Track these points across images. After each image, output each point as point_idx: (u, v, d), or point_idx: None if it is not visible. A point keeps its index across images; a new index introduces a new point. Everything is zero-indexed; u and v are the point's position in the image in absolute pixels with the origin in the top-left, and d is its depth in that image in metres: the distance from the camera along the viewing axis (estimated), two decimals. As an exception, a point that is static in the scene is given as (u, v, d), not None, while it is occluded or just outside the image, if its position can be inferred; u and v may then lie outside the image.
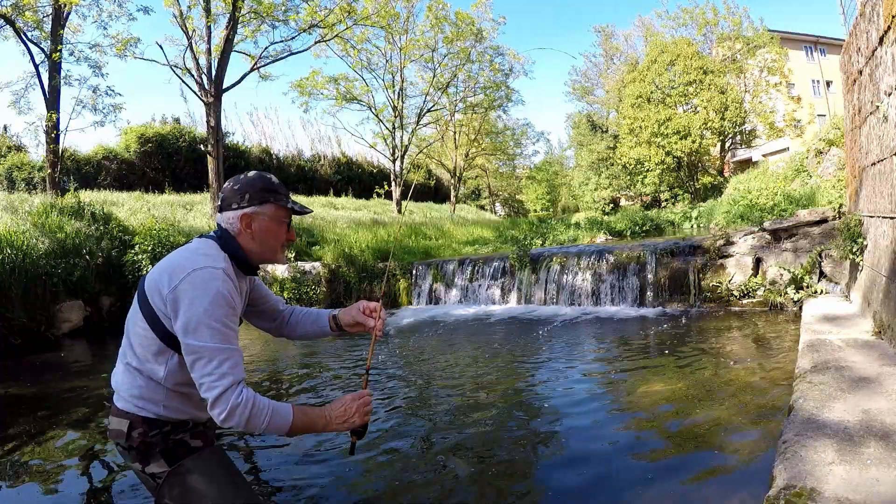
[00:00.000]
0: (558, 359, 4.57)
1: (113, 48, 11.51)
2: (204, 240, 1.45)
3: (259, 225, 1.45)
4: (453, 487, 2.34)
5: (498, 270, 8.06)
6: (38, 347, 6.25)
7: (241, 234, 1.45)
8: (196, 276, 1.29)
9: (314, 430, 1.39)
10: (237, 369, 1.28)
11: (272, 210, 1.47)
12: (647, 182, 25.14)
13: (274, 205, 1.47)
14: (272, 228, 1.47)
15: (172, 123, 20.77)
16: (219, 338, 1.27)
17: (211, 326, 1.26)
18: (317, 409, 1.38)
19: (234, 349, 1.30)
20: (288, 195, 1.51)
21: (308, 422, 1.36)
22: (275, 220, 1.47)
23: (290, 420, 1.32)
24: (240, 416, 1.24)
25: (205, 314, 1.26)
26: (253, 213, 1.44)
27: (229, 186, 1.47)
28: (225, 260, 1.40)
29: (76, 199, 8.66)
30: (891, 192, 3.29)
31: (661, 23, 27.46)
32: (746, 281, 6.03)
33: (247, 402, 1.26)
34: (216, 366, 1.25)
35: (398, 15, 18.24)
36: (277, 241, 1.50)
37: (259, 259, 1.50)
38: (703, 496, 2.08)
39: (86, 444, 3.12)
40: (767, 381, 3.36)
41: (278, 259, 1.54)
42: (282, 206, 1.48)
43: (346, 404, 1.41)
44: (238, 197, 1.44)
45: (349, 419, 1.41)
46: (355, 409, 1.42)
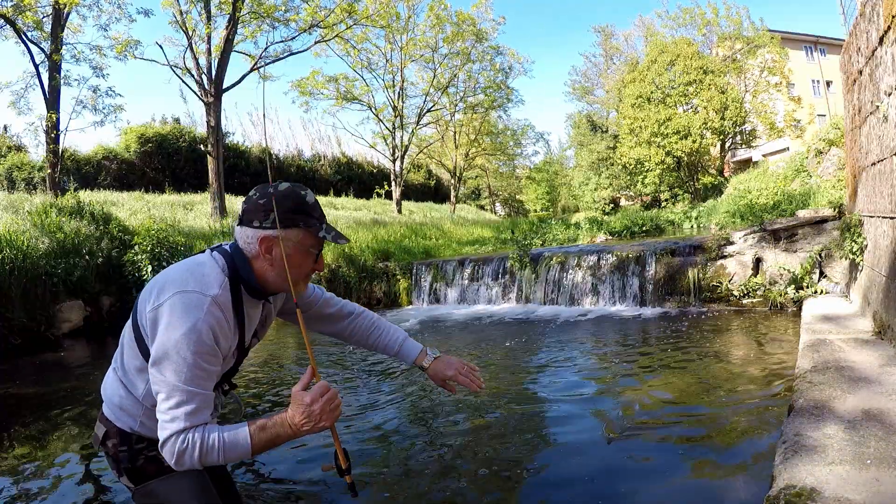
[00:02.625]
0: (558, 358, 4.57)
1: (113, 49, 11.52)
2: (210, 255, 1.27)
3: (281, 252, 1.23)
4: (453, 487, 2.34)
5: (498, 270, 8.06)
6: (38, 347, 6.25)
7: (258, 258, 1.25)
8: (178, 300, 1.14)
9: (281, 441, 1.19)
10: (193, 416, 1.12)
11: (300, 236, 1.25)
12: (647, 182, 25.13)
13: (303, 230, 1.25)
14: (296, 258, 1.26)
15: (172, 123, 20.78)
16: (183, 376, 1.11)
17: (177, 361, 1.11)
18: (278, 420, 1.16)
19: (197, 392, 1.13)
20: (322, 219, 1.29)
21: (270, 437, 1.16)
22: (301, 248, 1.26)
23: (248, 445, 1.14)
24: (189, 458, 1.11)
25: (175, 346, 1.11)
26: (276, 237, 1.22)
27: (254, 198, 1.24)
28: (222, 286, 1.21)
29: (76, 199, 8.66)
30: (891, 192, 3.29)
31: (661, 23, 27.48)
32: (746, 280, 6.03)
33: (194, 445, 1.11)
34: (171, 406, 1.11)
35: (399, 15, 18.26)
36: (300, 273, 1.28)
37: (274, 289, 1.31)
38: (703, 496, 2.08)
39: (86, 444, 3.12)
40: (767, 380, 3.36)
41: (297, 291, 1.30)
42: (312, 234, 1.26)
43: (306, 407, 1.15)
44: (262, 214, 1.22)
45: (316, 423, 1.16)
46: (318, 410, 1.15)
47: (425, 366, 1.62)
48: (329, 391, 1.17)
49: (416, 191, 28.34)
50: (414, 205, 23.43)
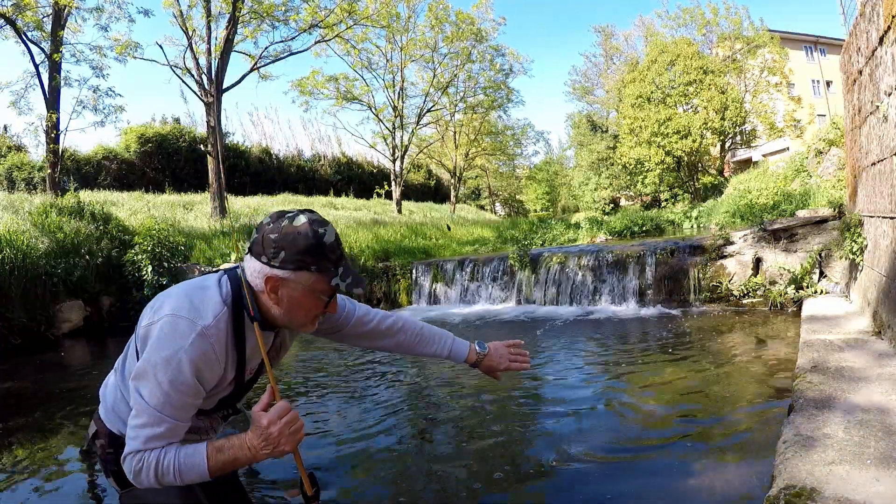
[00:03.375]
0: (558, 358, 4.57)
1: (113, 49, 11.52)
2: (218, 280, 1.21)
3: (288, 293, 1.15)
4: (453, 487, 2.34)
5: (498, 270, 8.06)
6: (38, 347, 6.25)
7: (263, 293, 1.17)
8: (168, 324, 1.11)
9: (241, 464, 1.12)
10: (154, 440, 1.09)
11: (311, 280, 1.14)
12: (647, 182, 25.13)
13: (315, 275, 1.14)
14: (304, 301, 1.17)
15: (172, 123, 20.79)
16: (156, 399, 1.08)
17: (153, 383, 1.08)
18: (236, 441, 1.10)
19: (165, 419, 1.09)
20: (340, 261, 1.17)
21: (228, 459, 1.10)
22: (310, 293, 1.16)
23: (205, 467, 1.09)
24: (146, 478, 1.09)
25: (153, 368, 1.08)
26: (282, 278, 1.13)
27: (266, 229, 1.14)
28: (217, 316, 1.14)
29: (76, 199, 8.66)
30: (891, 192, 3.29)
31: (661, 23, 27.47)
32: (746, 280, 6.03)
33: (149, 466, 1.08)
34: (137, 424, 1.09)
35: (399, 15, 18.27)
36: (307, 316, 1.20)
37: (281, 325, 1.24)
38: (703, 496, 2.08)
39: (86, 443, 3.12)
40: (767, 380, 3.36)
41: (301, 329, 1.25)
42: (325, 279, 1.15)
43: (263, 430, 1.08)
44: (271, 251, 1.12)
45: (276, 447, 1.09)
46: (276, 433, 1.08)
47: (476, 362, 1.59)
48: (288, 413, 1.09)
49: (416, 191, 28.34)
50: (414, 205, 23.44)
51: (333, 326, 1.49)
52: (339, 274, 1.16)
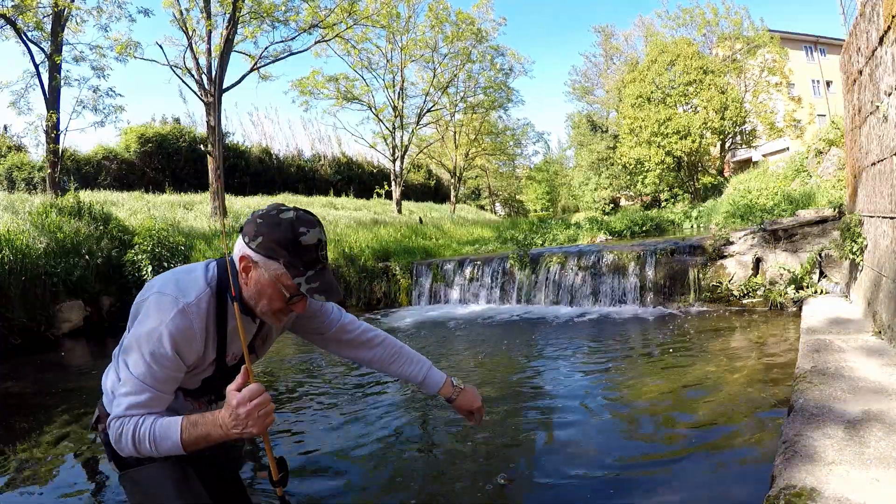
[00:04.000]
0: (558, 359, 4.57)
1: (113, 49, 11.52)
2: (205, 265, 1.28)
3: (256, 277, 1.19)
4: (448, 488, 2.34)
5: (498, 270, 8.06)
6: (38, 347, 6.25)
7: (241, 275, 1.22)
8: (155, 300, 1.18)
9: (213, 440, 1.13)
10: (136, 408, 1.14)
11: (276, 272, 1.17)
12: (647, 182, 25.14)
13: (281, 267, 1.17)
14: (267, 291, 1.20)
15: (172, 123, 20.78)
16: (139, 370, 1.15)
17: (137, 355, 1.15)
18: (210, 417, 1.12)
19: (147, 388, 1.15)
20: (311, 266, 1.18)
21: (201, 434, 1.12)
22: (274, 284, 1.19)
23: (178, 439, 1.12)
24: (125, 444, 1.14)
25: (138, 340, 1.16)
26: (254, 260, 1.18)
27: (258, 213, 1.21)
28: (199, 295, 1.20)
29: (76, 199, 8.66)
30: (891, 192, 3.29)
31: (661, 23, 27.47)
32: (746, 281, 6.03)
33: (127, 432, 1.13)
34: (122, 393, 1.15)
35: (399, 14, 18.27)
36: (269, 306, 1.22)
37: (251, 309, 1.26)
38: (702, 496, 2.08)
39: (86, 443, 3.12)
40: (767, 381, 3.36)
41: (267, 319, 1.28)
42: (288, 276, 1.17)
43: (233, 409, 1.09)
44: (252, 233, 1.18)
45: (244, 428, 1.09)
46: (244, 414, 1.08)
47: (452, 397, 1.62)
48: (259, 396, 1.09)
49: (416, 191, 28.35)
50: (414, 205, 23.44)
51: (317, 328, 1.52)
52: (307, 276, 1.17)
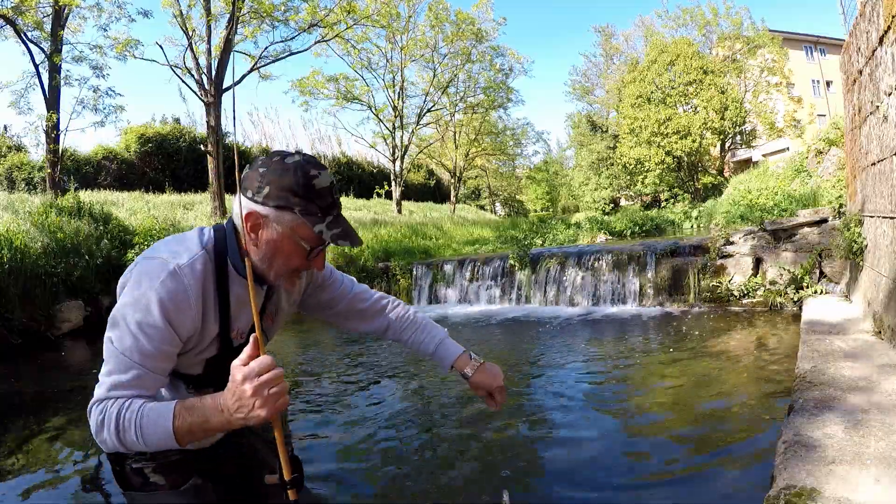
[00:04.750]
0: (558, 359, 4.57)
1: (113, 49, 11.53)
2: (199, 229, 1.13)
3: (267, 235, 1.03)
4: (449, 486, 2.34)
5: (498, 270, 8.06)
6: (38, 347, 6.25)
7: (247, 236, 1.05)
8: (142, 266, 1.02)
9: (213, 429, 0.94)
10: (121, 388, 0.96)
11: (293, 223, 1.02)
12: (647, 182, 25.15)
13: (297, 217, 1.01)
14: (284, 248, 1.04)
15: (172, 123, 20.77)
16: (124, 344, 0.98)
17: (122, 328, 0.99)
18: (210, 401, 0.93)
19: (133, 364, 0.97)
20: (331, 210, 1.04)
21: (198, 421, 0.92)
22: (290, 238, 1.03)
23: (170, 427, 0.92)
24: (108, 435, 0.94)
25: (124, 310, 0.99)
26: (263, 215, 1.02)
27: (258, 163, 1.04)
28: (196, 257, 1.04)
29: (76, 199, 8.66)
30: (891, 192, 3.29)
31: (661, 23, 27.49)
32: (746, 281, 6.03)
33: (109, 418, 0.93)
34: (104, 372, 0.98)
35: (399, 14, 18.27)
36: (286, 266, 1.06)
37: (260, 274, 1.09)
38: (702, 496, 2.08)
39: (86, 443, 3.12)
40: (767, 381, 3.36)
41: (280, 283, 1.13)
42: (307, 225, 1.02)
43: (237, 386, 0.89)
44: (256, 185, 1.02)
45: (250, 411, 0.88)
46: (251, 391, 0.88)
47: (468, 373, 1.36)
48: (271, 370, 0.89)
49: (416, 191, 28.35)
50: (414, 205, 23.45)
51: (329, 301, 1.37)
52: (327, 222, 1.03)
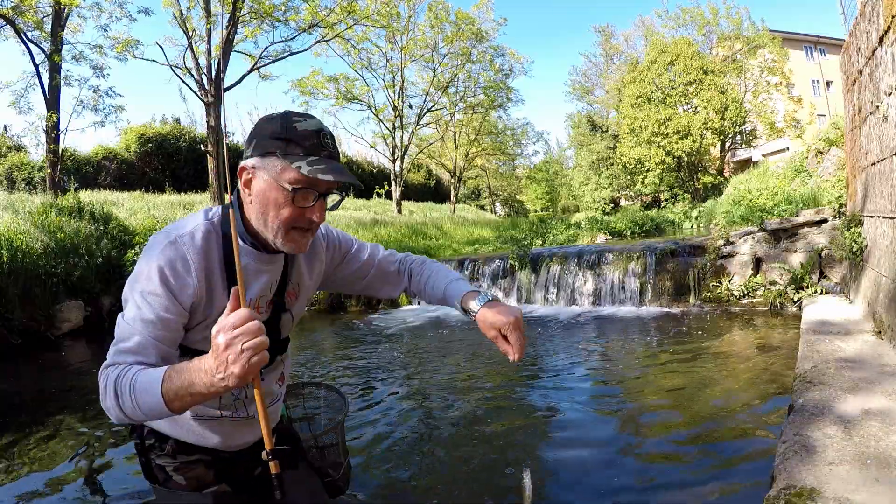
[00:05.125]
0: (558, 359, 4.57)
1: (113, 49, 11.53)
2: (206, 208, 1.12)
3: (257, 187, 1.00)
4: (450, 487, 2.34)
5: (498, 270, 8.06)
6: (38, 347, 6.25)
7: (243, 195, 1.04)
8: (148, 242, 1.02)
9: (198, 392, 0.86)
10: (123, 354, 0.96)
11: (277, 168, 0.97)
12: (647, 182, 25.15)
13: (280, 161, 0.97)
14: (271, 196, 0.99)
15: (172, 123, 20.78)
16: (130, 314, 0.97)
17: (129, 301, 0.98)
18: (197, 362, 0.87)
19: (136, 332, 0.96)
20: (314, 151, 0.98)
21: (184, 384, 0.87)
22: (275, 184, 0.98)
23: (159, 389, 0.87)
24: (111, 403, 0.92)
25: (130, 284, 0.99)
26: (252, 167, 0.99)
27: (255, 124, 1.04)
28: (196, 228, 1.02)
29: (76, 199, 8.66)
30: (891, 192, 3.29)
31: (661, 23, 27.48)
32: (746, 281, 6.03)
33: (110, 383, 0.91)
34: (112, 342, 0.98)
35: (399, 14, 18.27)
36: (279, 218, 1.00)
37: (261, 236, 1.05)
38: (703, 496, 2.08)
39: (86, 443, 3.12)
40: (767, 381, 3.36)
41: (282, 245, 1.03)
42: (292, 166, 0.96)
43: (213, 342, 0.83)
44: (247, 142, 1.02)
45: (227, 369, 0.82)
46: (224, 345, 0.82)
47: (473, 308, 1.18)
48: (245, 323, 0.82)
49: (416, 191, 28.36)
50: (414, 205, 23.46)
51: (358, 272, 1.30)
52: (308, 160, 0.97)
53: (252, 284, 1.08)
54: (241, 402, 1.16)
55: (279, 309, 1.15)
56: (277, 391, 1.24)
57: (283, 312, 1.16)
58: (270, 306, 1.13)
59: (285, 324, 1.18)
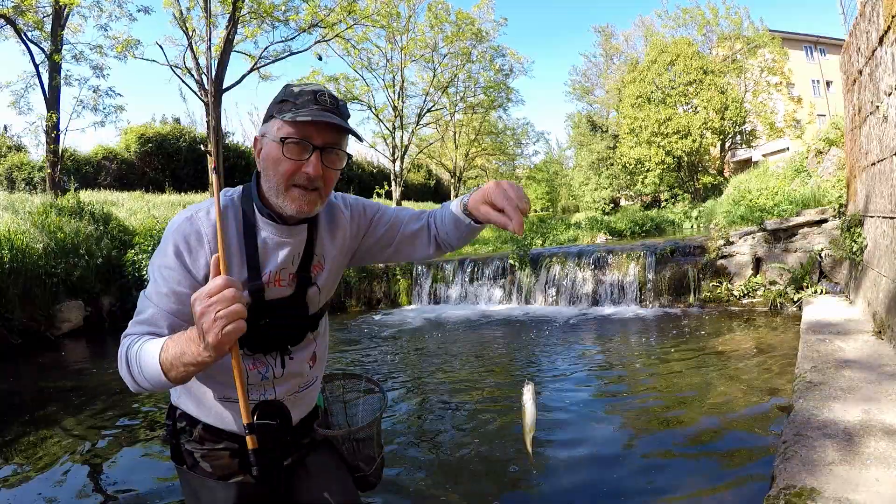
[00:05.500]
0: (558, 359, 4.57)
1: (113, 48, 11.53)
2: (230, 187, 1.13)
3: (263, 151, 1.03)
4: (450, 487, 2.34)
5: (498, 270, 8.06)
6: (38, 347, 6.24)
7: (259, 167, 1.06)
8: (170, 221, 1.05)
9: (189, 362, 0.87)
10: (135, 325, 0.98)
11: (275, 128, 1.01)
12: (647, 182, 25.14)
13: (277, 120, 1.00)
14: (271, 154, 1.01)
15: (172, 123, 20.78)
16: (149, 289, 1.00)
17: (150, 274, 1.02)
18: (189, 331, 0.89)
19: (151, 305, 0.98)
20: (306, 105, 0.99)
21: (177, 353, 0.88)
22: (272, 142, 1.01)
23: (157, 357, 0.90)
24: (122, 367, 0.95)
25: (152, 258, 1.03)
26: (260, 136, 1.04)
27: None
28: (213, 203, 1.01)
29: (76, 199, 8.67)
30: (891, 192, 3.29)
31: (661, 23, 27.47)
32: (746, 281, 6.03)
33: (123, 352, 0.95)
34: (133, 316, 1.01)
35: (399, 14, 18.27)
36: (278, 174, 1.00)
37: (272, 203, 1.04)
38: (703, 496, 2.08)
39: (85, 443, 3.12)
40: (767, 381, 3.36)
41: (285, 205, 1.02)
42: (282, 119, 0.99)
43: (193, 314, 0.84)
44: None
45: (205, 337, 0.82)
46: (199, 313, 0.82)
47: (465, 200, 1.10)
48: (222, 291, 0.82)
49: (416, 191, 28.35)
50: (414, 205, 23.46)
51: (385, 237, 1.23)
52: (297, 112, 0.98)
53: (271, 257, 1.07)
54: (269, 383, 1.12)
55: (305, 283, 1.12)
56: (308, 372, 1.20)
57: (308, 286, 1.12)
58: (295, 280, 1.10)
59: (312, 298, 1.14)
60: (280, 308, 1.08)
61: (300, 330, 1.14)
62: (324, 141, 1.00)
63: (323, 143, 1.01)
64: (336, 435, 1.27)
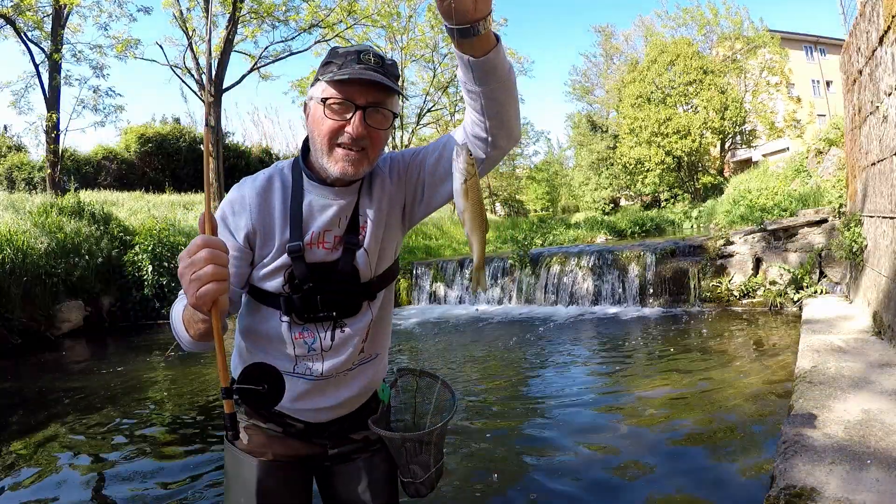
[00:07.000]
0: (558, 359, 4.57)
1: (113, 48, 11.54)
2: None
3: (310, 115, 1.04)
4: (452, 487, 2.34)
5: (498, 270, 8.06)
6: (38, 347, 6.25)
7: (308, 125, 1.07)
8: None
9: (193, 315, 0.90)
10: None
11: (319, 90, 1.01)
12: (647, 182, 25.15)
13: (322, 83, 1.01)
14: (316, 116, 1.01)
15: (172, 123, 20.79)
16: None
17: None
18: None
19: None
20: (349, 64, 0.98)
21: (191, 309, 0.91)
22: (318, 103, 1.00)
23: (180, 311, 0.95)
24: (173, 329, 1.02)
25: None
26: (307, 100, 1.05)
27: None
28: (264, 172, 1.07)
29: (76, 199, 8.67)
30: (891, 192, 3.29)
31: (661, 23, 27.50)
32: (746, 281, 6.03)
33: (171, 311, 1.02)
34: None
35: (399, 14, 18.27)
36: (321, 133, 1.00)
37: (318, 166, 1.05)
38: (703, 496, 2.08)
39: (86, 443, 3.12)
40: (767, 381, 3.36)
41: (329, 166, 1.01)
42: (324, 80, 1.00)
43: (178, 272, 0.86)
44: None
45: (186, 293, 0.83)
46: (180, 272, 0.83)
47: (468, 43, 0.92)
48: (201, 250, 0.80)
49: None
50: (414, 205, 23.43)
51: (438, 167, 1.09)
52: (339, 71, 0.98)
53: (315, 219, 1.05)
54: (316, 355, 1.07)
55: (352, 246, 1.07)
56: (365, 348, 1.13)
57: (356, 249, 1.07)
58: (341, 242, 1.07)
59: (362, 263, 1.07)
60: (326, 272, 1.05)
61: (352, 298, 1.08)
62: (367, 100, 0.99)
63: (366, 103, 0.99)
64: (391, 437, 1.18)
